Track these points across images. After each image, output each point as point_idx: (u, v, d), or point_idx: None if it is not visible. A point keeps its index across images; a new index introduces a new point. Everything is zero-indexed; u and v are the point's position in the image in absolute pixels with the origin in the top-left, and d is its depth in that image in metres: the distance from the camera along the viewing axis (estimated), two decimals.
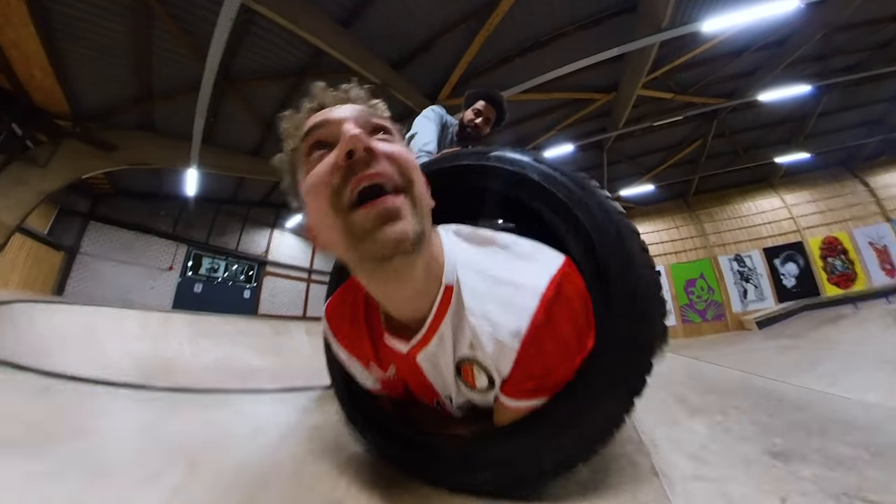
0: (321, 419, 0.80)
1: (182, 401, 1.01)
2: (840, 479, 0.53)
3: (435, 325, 0.39)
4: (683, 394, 1.14)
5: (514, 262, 0.39)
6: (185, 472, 0.51)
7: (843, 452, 0.66)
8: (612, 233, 0.42)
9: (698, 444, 0.66)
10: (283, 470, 0.53)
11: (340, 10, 4.04)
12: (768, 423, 0.84)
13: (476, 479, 0.42)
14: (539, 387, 0.39)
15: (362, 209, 0.31)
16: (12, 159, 4.38)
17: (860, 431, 0.79)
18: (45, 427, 0.70)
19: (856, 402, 1.28)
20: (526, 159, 0.50)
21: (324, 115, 0.37)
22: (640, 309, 0.39)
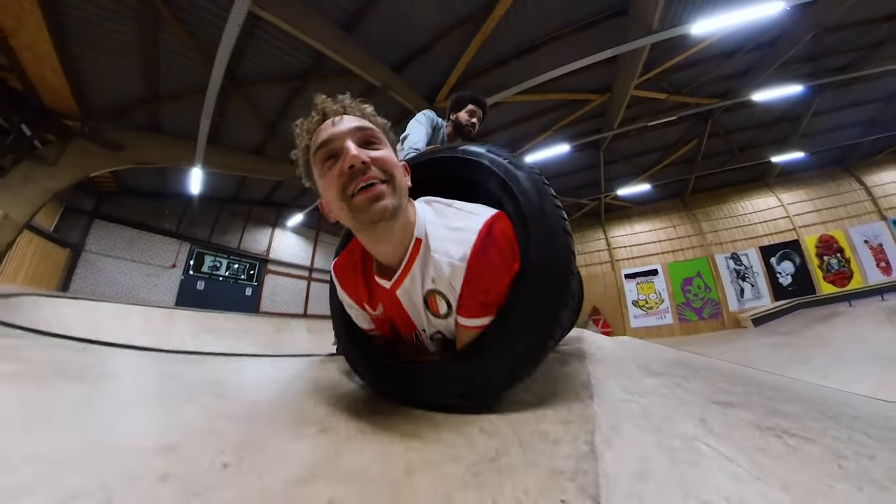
0: (321, 373, 0.90)
1: (199, 360, 1.11)
2: (774, 421, 0.57)
3: (408, 267, 0.53)
4: (650, 365, 1.21)
5: (463, 215, 0.55)
6: (211, 398, 0.63)
7: (790, 409, 0.69)
8: (533, 194, 0.57)
9: (644, 391, 0.73)
10: (287, 402, 0.63)
11: (343, 15, 4.17)
12: (725, 388, 0.87)
13: (441, 395, 0.51)
14: (484, 303, 0.51)
15: (360, 195, 0.48)
16: (22, 158, 4.52)
17: (821, 403, 0.81)
18: (93, 370, 0.81)
19: (837, 389, 1.30)
20: (481, 150, 0.67)
21: (330, 133, 0.50)
22: (551, 246, 0.52)
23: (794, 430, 0.53)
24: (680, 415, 0.56)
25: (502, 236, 0.51)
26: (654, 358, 1.74)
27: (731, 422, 0.56)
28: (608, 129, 7.02)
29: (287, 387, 0.75)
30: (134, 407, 0.56)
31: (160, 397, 0.64)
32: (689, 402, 0.69)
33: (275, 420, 0.50)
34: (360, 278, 0.62)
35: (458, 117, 1.66)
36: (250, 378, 0.85)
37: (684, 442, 0.42)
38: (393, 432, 0.43)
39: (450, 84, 5.32)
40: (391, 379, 0.60)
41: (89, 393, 0.62)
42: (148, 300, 6.69)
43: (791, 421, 0.58)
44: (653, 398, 0.68)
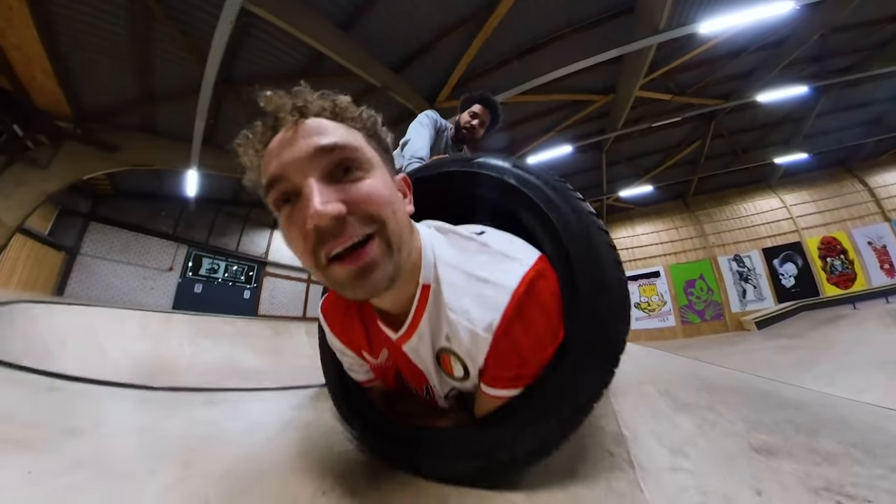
0: (313, 416, 0.82)
1: (181, 400, 1.02)
2: (823, 473, 0.52)
3: (415, 323, 0.43)
4: (672, 390, 1.14)
5: (490, 259, 0.41)
6: (179, 470, 0.53)
7: (831, 449, 0.64)
8: (581, 234, 0.45)
9: (680, 438, 0.66)
10: (273, 466, 0.54)
11: (340, 13, 4.07)
12: (757, 420, 0.82)
13: (456, 469, 0.44)
14: (516, 376, 0.41)
15: (338, 266, 0.33)
16: (13, 160, 4.41)
17: (852, 430, 0.76)
18: (50, 425, 0.72)
19: (852, 401, 1.25)
20: (506, 165, 0.53)
21: (278, 163, 0.34)
22: (606, 303, 0.42)
23: (846, 488, 0.48)
24: (733, 484, 0.50)
25: (549, 297, 0.40)
26: (669, 375, 1.67)
27: (785, 484, 0.50)
28: (611, 130, 6.94)
29: (274, 439, 0.66)
30: (84, 487, 0.47)
31: (121, 471, 0.54)
32: (732, 454, 0.62)
33: (252, 500, 0.42)
34: (357, 322, 0.51)
35: (459, 118, 1.53)
36: (232, 428, 0.75)
37: None
38: None
39: (451, 84, 5.23)
40: (394, 444, 0.51)
41: (36, 466, 0.53)
42: (145, 304, 6.60)
43: (836, 469, 0.54)
44: (696, 456, 0.60)
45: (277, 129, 0.36)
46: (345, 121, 0.37)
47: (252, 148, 0.37)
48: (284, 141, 0.34)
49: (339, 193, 0.33)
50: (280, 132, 0.36)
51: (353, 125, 0.38)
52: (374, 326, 0.49)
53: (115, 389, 1.02)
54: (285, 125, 0.35)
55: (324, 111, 0.36)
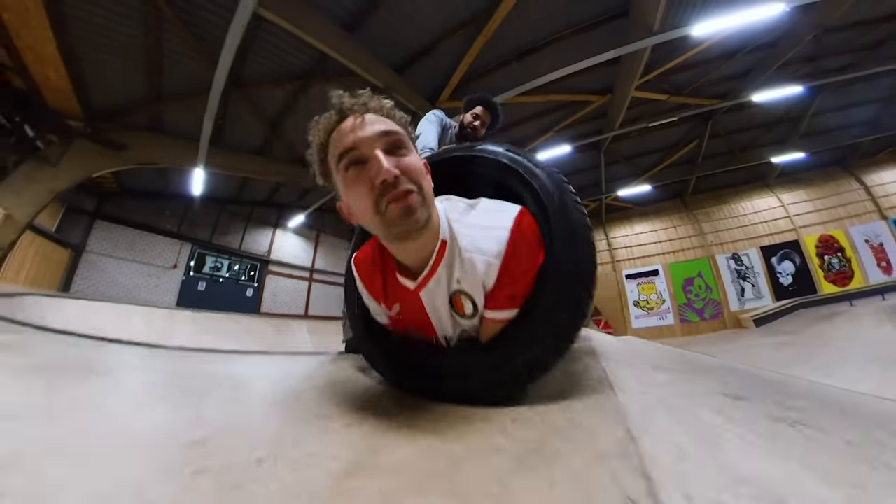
0: (336, 370, 0.89)
1: (212, 357, 1.10)
2: (785, 414, 0.57)
3: (434, 268, 0.53)
4: (659, 364, 1.22)
5: (490, 214, 0.55)
6: (231, 393, 0.62)
7: (799, 404, 0.69)
8: (553, 190, 0.59)
9: (657, 384, 0.74)
10: (307, 397, 0.62)
11: (345, 14, 4.18)
12: (733, 383, 0.88)
13: (470, 387, 0.52)
14: (511, 295, 0.52)
15: (393, 205, 0.46)
16: (25, 158, 4.52)
17: (826, 400, 0.82)
18: (110, 365, 0.81)
19: (839, 388, 1.34)
20: (500, 149, 0.68)
21: (354, 138, 0.47)
22: (573, 240, 0.54)
23: (806, 421, 0.54)
24: (697, 405, 0.58)
25: (529, 230, 0.52)
26: (660, 356, 1.76)
27: (745, 413, 0.58)
28: (609, 130, 7.04)
29: (304, 382, 0.74)
30: (156, 401, 0.56)
31: (180, 391, 0.64)
32: (701, 394, 0.70)
33: (297, 415, 0.49)
34: (378, 276, 0.61)
35: (463, 119, 1.68)
36: (265, 374, 0.84)
37: (709, 428, 0.44)
38: (424, 427, 0.42)
39: (452, 85, 5.34)
40: (413, 373, 0.59)
41: (111, 387, 0.63)
42: (149, 301, 6.68)
43: (801, 413, 0.60)
44: (668, 390, 0.69)
45: (343, 118, 0.49)
46: (391, 118, 0.51)
47: (323, 129, 0.50)
48: (356, 125, 0.47)
49: (395, 162, 0.47)
50: (347, 120, 0.48)
51: (397, 121, 0.51)
52: (393, 279, 0.58)
53: (149, 349, 1.11)
54: (351, 116, 0.48)
55: (377, 109, 0.50)
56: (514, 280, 0.51)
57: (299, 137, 6.48)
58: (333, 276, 10.14)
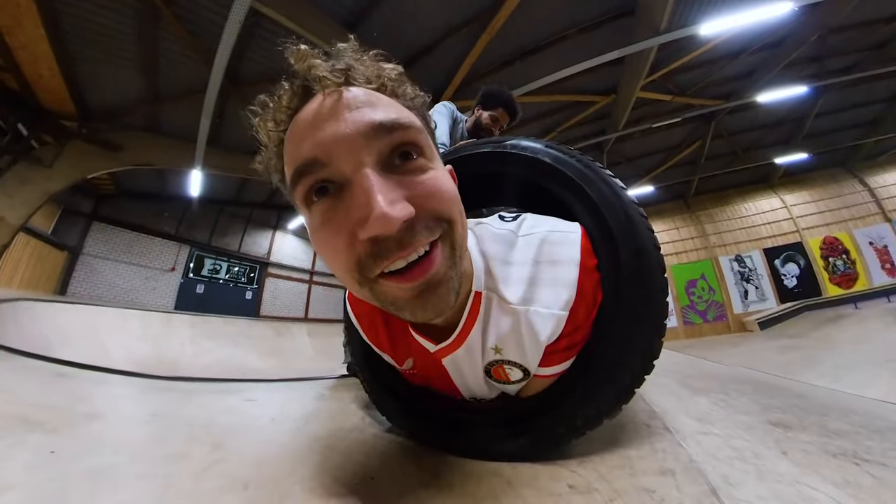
0: (338, 406, 0.80)
1: (194, 390, 1.01)
2: (837, 444, 0.55)
3: (464, 334, 0.38)
4: (686, 381, 1.16)
5: (546, 245, 0.39)
6: (211, 454, 0.51)
7: (841, 427, 0.68)
8: (615, 201, 0.47)
9: (702, 412, 0.68)
10: (309, 452, 0.52)
11: (346, 12, 4.11)
12: (768, 403, 0.85)
13: (509, 447, 0.44)
14: (569, 345, 0.40)
15: (394, 282, 0.26)
16: (18, 159, 4.42)
17: (858, 415, 0.80)
18: (67, 409, 0.71)
19: (853, 395, 1.28)
20: (538, 146, 0.55)
21: (321, 138, 0.25)
22: (643, 267, 0.43)
23: (861, 454, 0.52)
24: (759, 445, 0.53)
25: (591, 260, 0.40)
26: (679, 368, 1.69)
27: (805, 449, 0.54)
28: (612, 131, 6.98)
29: (302, 429, 0.64)
30: (115, 469, 0.44)
31: (148, 453, 0.52)
32: (752, 426, 0.65)
33: (295, 485, 0.39)
34: (382, 326, 0.45)
35: (481, 116, 1.48)
36: (256, 416, 0.73)
37: (791, 485, 0.38)
38: (457, 495, 0.35)
39: (454, 85, 5.26)
40: (436, 428, 0.50)
41: (60, 446, 0.50)
42: (147, 304, 6.59)
43: (850, 442, 0.58)
44: (721, 426, 0.62)
45: (309, 95, 0.28)
46: (396, 97, 0.30)
47: (272, 118, 0.29)
48: (323, 112, 0.26)
49: (403, 188, 0.25)
50: (314, 101, 0.27)
51: (405, 102, 0.30)
52: (402, 334, 0.44)
53: (123, 378, 1.02)
54: (322, 91, 0.27)
55: (370, 82, 0.29)
56: (575, 328, 0.39)
57: None
58: (334, 278, 10.05)
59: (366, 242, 0.25)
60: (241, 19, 3.09)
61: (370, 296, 0.28)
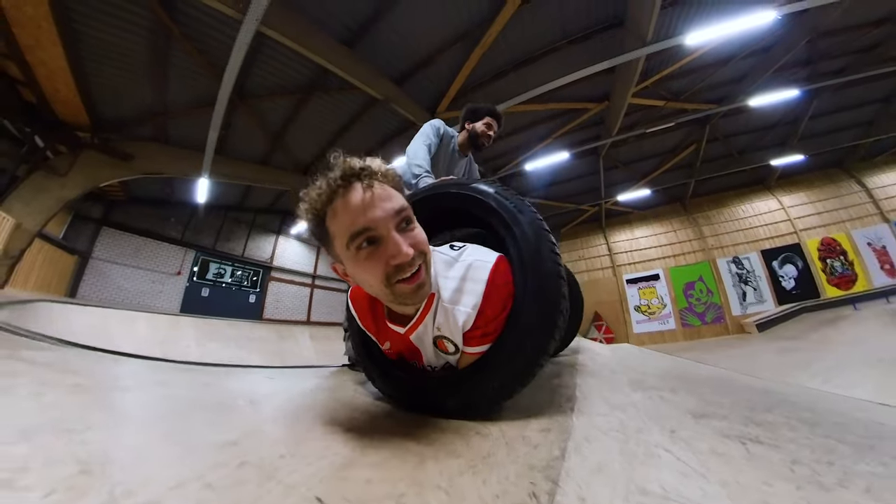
0: (337, 384, 0.96)
1: (226, 372, 1.16)
2: (744, 430, 0.61)
3: (421, 318, 0.59)
4: (642, 379, 1.24)
5: (470, 270, 0.60)
6: (248, 405, 0.68)
7: (767, 419, 0.71)
8: (532, 239, 0.64)
9: (626, 404, 0.78)
10: (315, 408, 0.69)
11: (345, 31, 4.31)
12: (710, 399, 0.91)
13: (450, 405, 0.61)
14: (484, 334, 0.59)
15: (404, 284, 0.50)
16: (35, 169, 4.66)
17: (802, 410, 0.82)
18: (142, 380, 0.87)
19: (834, 395, 1.31)
20: (490, 190, 0.73)
21: (368, 219, 0.46)
22: (544, 287, 0.60)
23: (763, 438, 0.57)
24: (653, 426, 0.62)
25: (502, 280, 0.59)
26: (649, 369, 1.75)
27: (700, 431, 0.61)
28: (607, 137, 7.11)
29: (311, 396, 0.81)
30: (189, 412, 0.62)
31: (207, 404, 0.69)
32: (666, 415, 0.73)
33: (307, 424, 0.56)
34: (370, 317, 0.69)
35: (475, 128, 1.62)
36: (276, 388, 0.90)
37: (646, 448, 0.48)
38: (406, 434, 0.49)
39: (450, 96, 5.44)
40: (405, 390, 0.68)
41: (150, 401, 0.68)
42: (153, 307, 6.77)
43: (764, 429, 0.62)
44: (633, 412, 0.72)
45: (349, 185, 0.47)
46: (395, 185, 0.52)
47: (326, 194, 0.48)
48: (367, 202, 0.47)
49: (408, 239, 0.49)
50: (355, 192, 0.47)
51: (396, 185, 0.52)
52: (383, 323, 0.65)
53: (170, 364, 1.17)
54: (359, 185, 0.47)
55: (384, 178, 0.50)
56: (486, 322, 0.58)
57: (301, 147, 6.63)
58: (335, 282, 10.21)
59: (393, 266, 0.48)
60: (248, 42, 3.29)
61: (389, 292, 0.50)
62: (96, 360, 1.07)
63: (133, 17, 3.76)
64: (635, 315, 9.38)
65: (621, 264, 10.09)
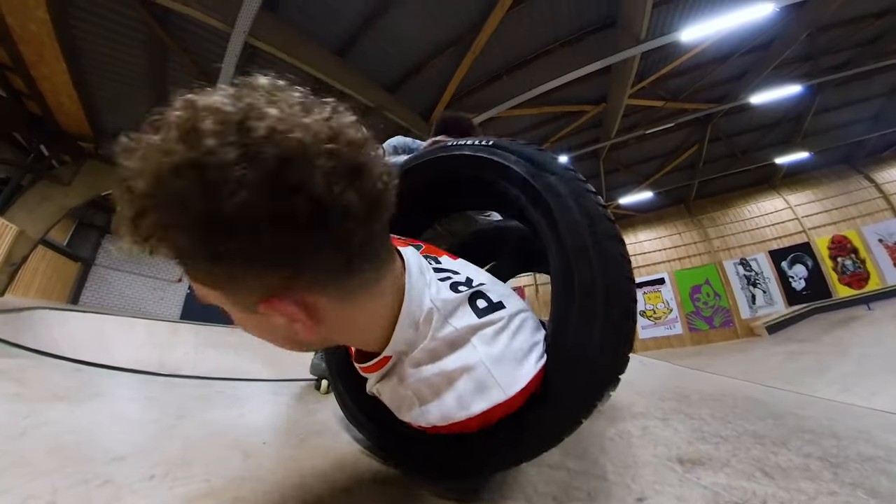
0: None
1: (184, 383, 1.13)
2: (745, 488, 0.49)
3: (366, 370, 0.41)
4: (627, 401, 1.09)
5: (468, 369, 0.36)
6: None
7: (760, 430, 0.68)
8: (583, 228, 0.42)
9: (590, 441, 0.66)
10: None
11: (336, 41, 4.38)
12: (708, 429, 0.75)
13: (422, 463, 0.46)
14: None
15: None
16: (39, 178, 4.79)
17: (818, 437, 0.71)
18: (82, 391, 0.84)
19: (848, 406, 1.19)
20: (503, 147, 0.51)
21: None
22: (613, 317, 0.39)
23: (773, 500, 0.46)
24: (615, 488, 0.50)
25: (515, 405, 0.36)
26: (642, 386, 1.54)
27: (685, 496, 0.48)
28: (605, 139, 7.05)
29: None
30: (106, 423, 0.59)
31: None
32: (643, 461, 0.59)
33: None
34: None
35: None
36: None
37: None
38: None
39: (444, 101, 5.46)
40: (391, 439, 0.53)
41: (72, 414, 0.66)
42: (154, 313, 6.84)
43: (775, 483, 0.50)
44: (595, 455, 0.60)
45: None
46: None
47: None
48: None
49: None
50: None
51: None
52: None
53: (127, 373, 1.15)
54: None
55: None
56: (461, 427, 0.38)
57: None
58: None
59: None
60: (237, 52, 3.36)
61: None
62: (65, 370, 1.05)
63: (131, 32, 3.88)
64: (641, 320, 9.15)
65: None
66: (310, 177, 0.24)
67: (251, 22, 3.17)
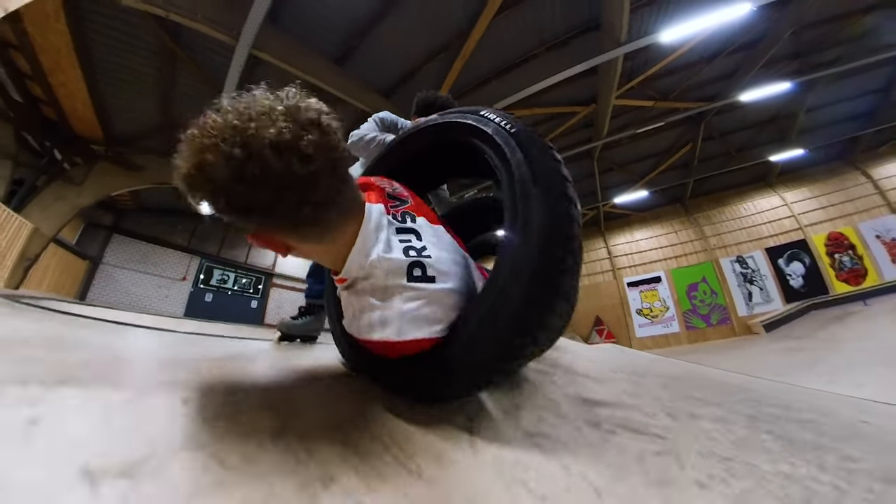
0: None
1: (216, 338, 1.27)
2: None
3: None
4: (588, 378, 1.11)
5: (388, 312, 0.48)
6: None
7: (733, 407, 0.65)
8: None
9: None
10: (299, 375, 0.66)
11: (333, 49, 4.62)
12: (632, 392, 0.75)
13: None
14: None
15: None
16: (53, 179, 5.07)
17: (775, 407, 0.71)
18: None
19: (815, 392, 1.21)
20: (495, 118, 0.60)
21: None
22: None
23: (695, 413, 0.52)
24: (527, 403, 0.56)
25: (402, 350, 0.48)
26: (624, 375, 1.50)
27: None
28: (597, 139, 7.17)
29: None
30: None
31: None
32: (559, 401, 0.59)
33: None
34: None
35: (417, 122, 1.46)
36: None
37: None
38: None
39: None
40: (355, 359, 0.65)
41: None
42: (159, 310, 7.05)
43: (703, 415, 0.54)
44: (525, 404, 0.60)
45: None
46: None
47: None
48: None
49: None
50: None
51: None
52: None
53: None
54: None
55: None
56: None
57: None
58: None
59: None
60: (242, 63, 3.60)
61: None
62: (79, 325, 1.18)
63: (143, 43, 4.16)
64: (637, 319, 9.12)
65: (621, 267, 9.90)
66: (266, 165, 0.37)
67: (254, 37, 3.42)
